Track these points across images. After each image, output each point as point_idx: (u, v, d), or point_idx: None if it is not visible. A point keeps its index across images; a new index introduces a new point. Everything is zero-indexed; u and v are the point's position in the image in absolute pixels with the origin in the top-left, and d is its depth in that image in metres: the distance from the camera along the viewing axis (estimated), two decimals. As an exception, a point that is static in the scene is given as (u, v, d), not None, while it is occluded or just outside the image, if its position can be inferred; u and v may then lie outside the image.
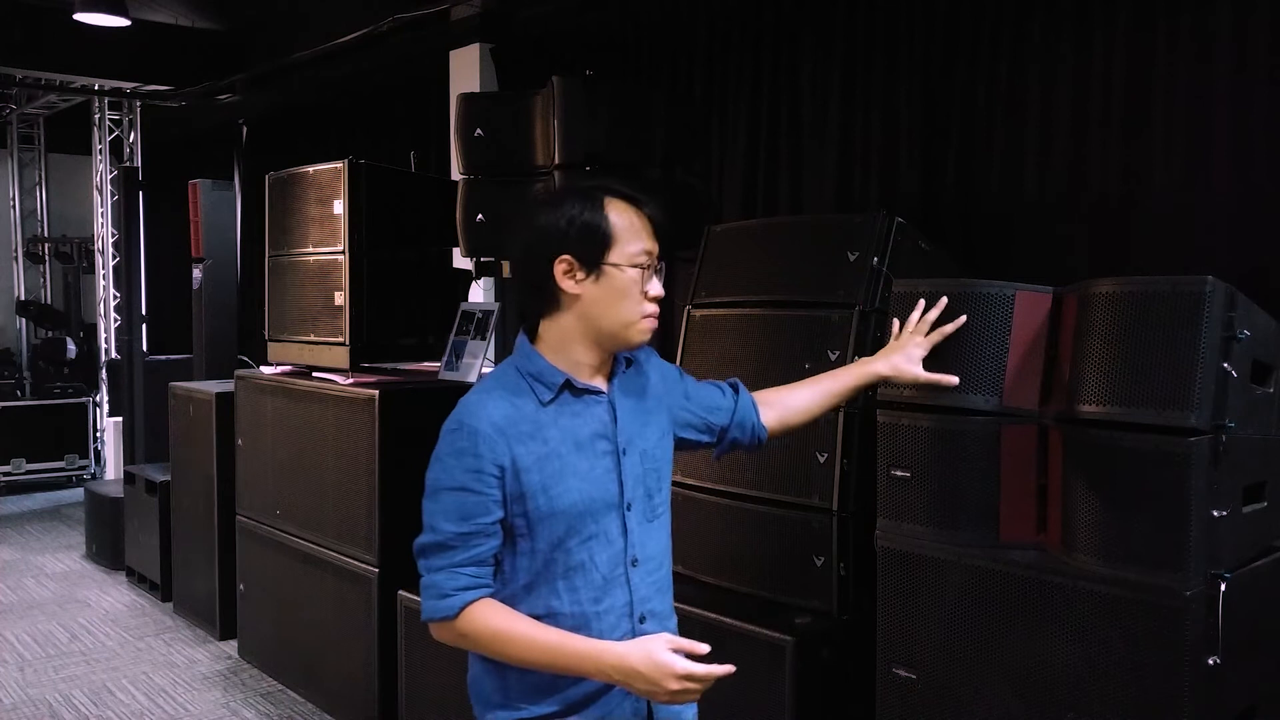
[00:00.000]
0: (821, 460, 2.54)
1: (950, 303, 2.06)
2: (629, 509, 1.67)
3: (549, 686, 1.62)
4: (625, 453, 1.67)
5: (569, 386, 1.65)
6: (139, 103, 8.10)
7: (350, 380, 3.82)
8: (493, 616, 1.58)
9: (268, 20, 6.64)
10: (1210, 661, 1.80)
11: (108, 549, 6.09)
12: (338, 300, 3.87)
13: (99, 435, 8.51)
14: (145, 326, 6.86)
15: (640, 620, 1.67)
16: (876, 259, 2.55)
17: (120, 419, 7.11)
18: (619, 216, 1.64)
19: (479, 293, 4.67)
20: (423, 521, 1.62)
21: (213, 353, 5.89)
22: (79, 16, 5.64)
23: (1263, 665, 2.06)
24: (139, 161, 8.16)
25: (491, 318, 3.84)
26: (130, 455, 6.51)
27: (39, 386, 9.09)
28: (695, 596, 2.63)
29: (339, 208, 3.85)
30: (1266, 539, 2.07)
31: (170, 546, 5.29)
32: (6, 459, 8.16)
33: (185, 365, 6.28)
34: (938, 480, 2.08)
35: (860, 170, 3.78)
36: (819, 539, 2.55)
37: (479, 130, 3.50)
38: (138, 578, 5.70)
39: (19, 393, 9.05)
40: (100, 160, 8.25)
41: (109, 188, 8.21)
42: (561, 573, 1.62)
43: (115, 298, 8.11)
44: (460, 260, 3.99)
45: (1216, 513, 1.81)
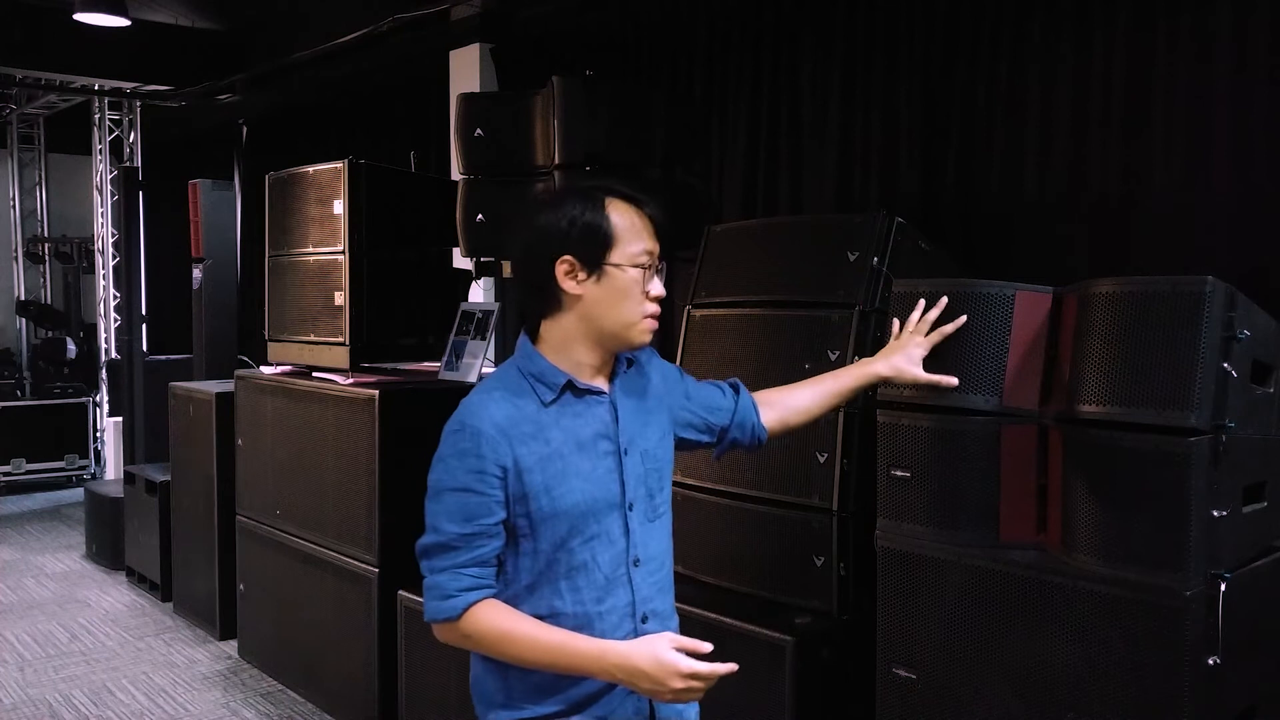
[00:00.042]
0: (821, 460, 2.55)
1: (950, 303, 2.06)
2: (631, 509, 1.67)
3: (551, 686, 1.63)
4: (627, 453, 1.68)
5: (571, 387, 1.65)
6: (139, 103, 8.09)
7: (350, 380, 3.82)
8: (496, 617, 1.58)
9: (268, 20, 6.64)
10: (1210, 661, 1.80)
11: (108, 549, 6.09)
12: (338, 300, 3.87)
13: (99, 435, 8.50)
14: (145, 326, 6.86)
15: (642, 620, 1.67)
16: (876, 259, 2.55)
17: (120, 419, 7.11)
18: (620, 217, 1.64)
19: (479, 293, 4.66)
20: (425, 522, 1.62)
21: (213, 353, 5.89)
22: (79, 16, 5.64)
23: (1263, 665, 2.06)
24: (139, 161, 8.15)
25: (491, 318, 3.84)
26: (130, 455, 6.51)
27: (39, 386, 9.09)
28: (695, 596, 2.63)
29: (339, 208, 3.85)
30: (1266, 539, 2.07)
31: (170, 546, 5.28)
32: (6, 459, 8.16)
33: (185, 365, 6.28)
34: (938, 480, 2.08)
35: (860, 170, 3.79)
36: (819, 539, 2.55)
37: (479, 130, 3.50)
38: (138, 578, 5.70)
39: (19, 393, 9.04)
40: (100, 160, 8.24)
41: (109, 188, 8.20)
42: (564, 573, 1.62)
43: (115, 298, 8.11)
44: (460, 260, 4.00)
45: (1216, 513, 1.81)
